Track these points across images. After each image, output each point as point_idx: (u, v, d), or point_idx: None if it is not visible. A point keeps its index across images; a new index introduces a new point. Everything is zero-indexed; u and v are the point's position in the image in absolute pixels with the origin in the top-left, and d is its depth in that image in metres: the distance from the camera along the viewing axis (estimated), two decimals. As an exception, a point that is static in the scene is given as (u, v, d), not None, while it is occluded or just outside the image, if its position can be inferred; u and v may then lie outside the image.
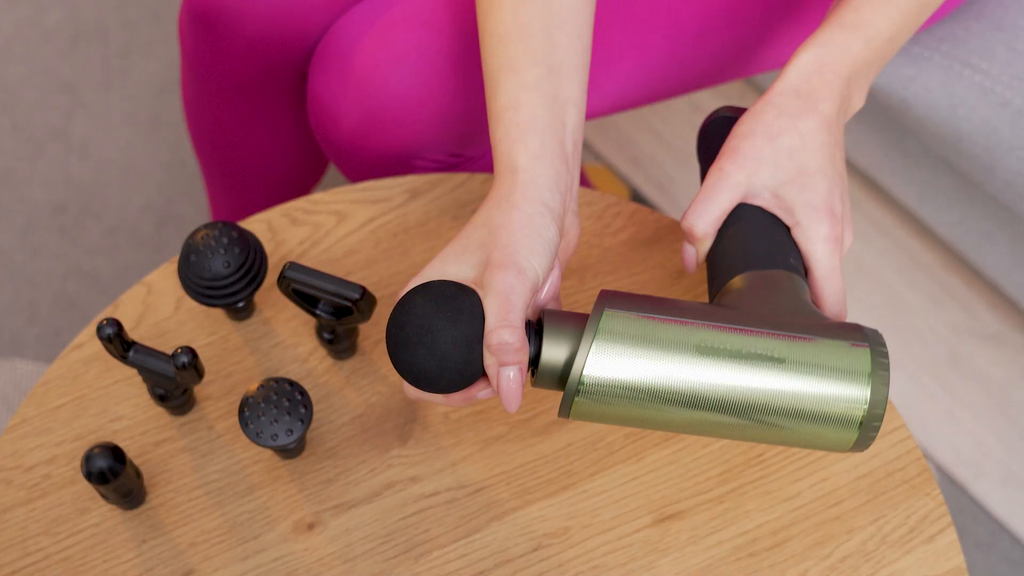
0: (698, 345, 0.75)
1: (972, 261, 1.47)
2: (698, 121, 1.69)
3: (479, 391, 0.78)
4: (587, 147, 1.69)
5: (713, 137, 0.89)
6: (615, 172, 1.67)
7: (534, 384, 0.78)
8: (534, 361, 0.77)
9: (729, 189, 0.82)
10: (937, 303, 1.58)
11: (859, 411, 0.75)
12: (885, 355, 0.75)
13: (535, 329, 0.78)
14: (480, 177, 1.00)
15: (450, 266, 0.78)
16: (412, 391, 0.80)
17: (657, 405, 0.76)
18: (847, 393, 0.75)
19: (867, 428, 0.75)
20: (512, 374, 0.75)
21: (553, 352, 0.76)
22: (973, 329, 1.57)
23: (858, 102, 0.87)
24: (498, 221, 0.78)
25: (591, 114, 1.09)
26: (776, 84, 0.84)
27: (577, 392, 0.75)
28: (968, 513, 1.48)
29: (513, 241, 0.77)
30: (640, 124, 1.69)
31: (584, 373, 0.75)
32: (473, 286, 0.77)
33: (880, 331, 1.55)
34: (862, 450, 0.77)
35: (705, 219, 0.82)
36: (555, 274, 0.80)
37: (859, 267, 1.60)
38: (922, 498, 0.90)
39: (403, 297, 0.77)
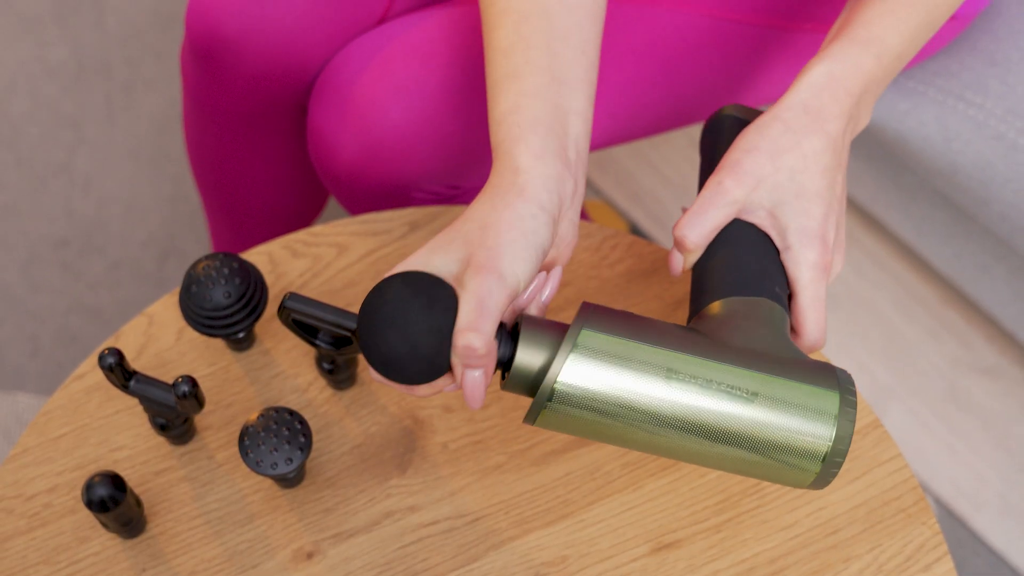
0: (669, 371, 0.75)
1: (969, 295, 1.48)
2: (697, 157, 1.70)
3: (446, 385, 0.78)
4: (587, 182, 1.70)
5: (717, 134, 0.88)
6: (614, 207, 1.68)
7: (503, 387, 0.78)
8: (507, 364, 0.78)
9: (725, 205, 0.81)
10: (935, 337, 1.59)
11: (820, 452, 0.76)
12: (853, 403, 0.77)
13: (510, 332, 0.78)
14: (479, 209, 1.01)
15: (436, 258, 0.77)
16: (377, 375, 0.79)
17: (624, 424, 0.76)
18: (811, 435, 0.76)
19: (828, 465, 0.77)
20: (476, 375, 0.75)
21: (527, 358, 0.76)
22: (971, 362, 1.57)
23: (865, 120, 0.87)
24: (490, 219, 0.77)
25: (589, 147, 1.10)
26: (785, 98, 0.83)
27: (547, 403, 0.76)
28: (968, 546, 1.48)
29: (500, 244, 0.76)
30: (639, 159, 1.70)
31: (555, 386, 0.75)
32: (453, 282, 0.77)
33: (876, 364, 1.56)
34: (821, 488, 0.79)
35: (697, 231, 0.82)
36: (542, 277, 0.80)
37: (857, 301, 1.61)
38: (918, 527, 0.91)
39: (380, 282, 0.77)
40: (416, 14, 1.09)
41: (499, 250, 0.76)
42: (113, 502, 0.84)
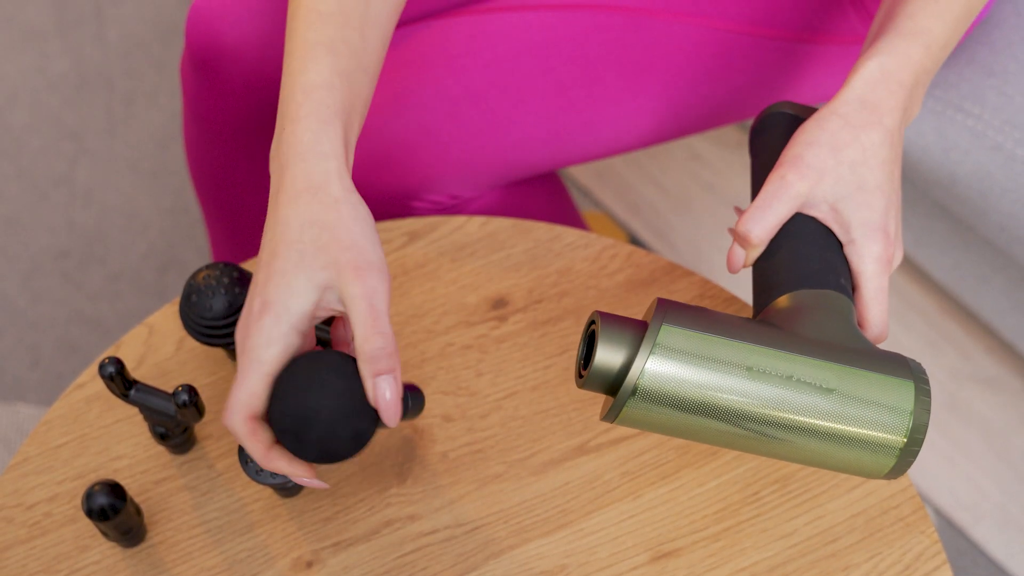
0: (750, 368, 0.76)
1: (968, 305, 1.48)
2: (696, 169, 1.71)
3: None
4: (586, 194, 1.71)
5: (770, 131, 0.89)
6: (614, 219, 1.68)
7: (581, 385, 0.78)
8: (586, 362, 0.78)
9: (789, 199, 0.82)
10: (934, 348, 1.59)
11: (898, 441, 0.77)
12: (927, 391, 0.78)
13: (585, 330, 0.79)
14: (478, 221, 1.02)
15: (297, 282, 0.76)
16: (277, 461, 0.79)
17: (704, 420, 0.77)
18: (889, 424, 0.77)
19: (905, 455, 0.78)
20: (389, 385, 0.76)
21: (607, 356, 0.76)
22: (971, 374, 1.58)
23: (915, 110, 0.87)
24: (329, 219, 0.76)
25: (588, 157, 1.11)
26: (842, 93, 0.84)
27: (629, 400, 0.76)
28: (968, 556, 1.48)
29: (358, 239, 0.76)
30: (639, 172, 1.71)
31: (638, 383, 0.76)
32: (325, 290, 0.76)
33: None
34: (896, 477, 0.80)
35: (762, 226, 0.82)
36: None
37: (856, 312, 1.61)
38: (917, 536, 0.91)
39: (297, 403, 0.76)
40: (413, 25, 1.10)
41: (361, 245, 0.76)
42: (113, 511, 0.84)
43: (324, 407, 0.76)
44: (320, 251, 0.76)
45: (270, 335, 0.76)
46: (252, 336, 0.77)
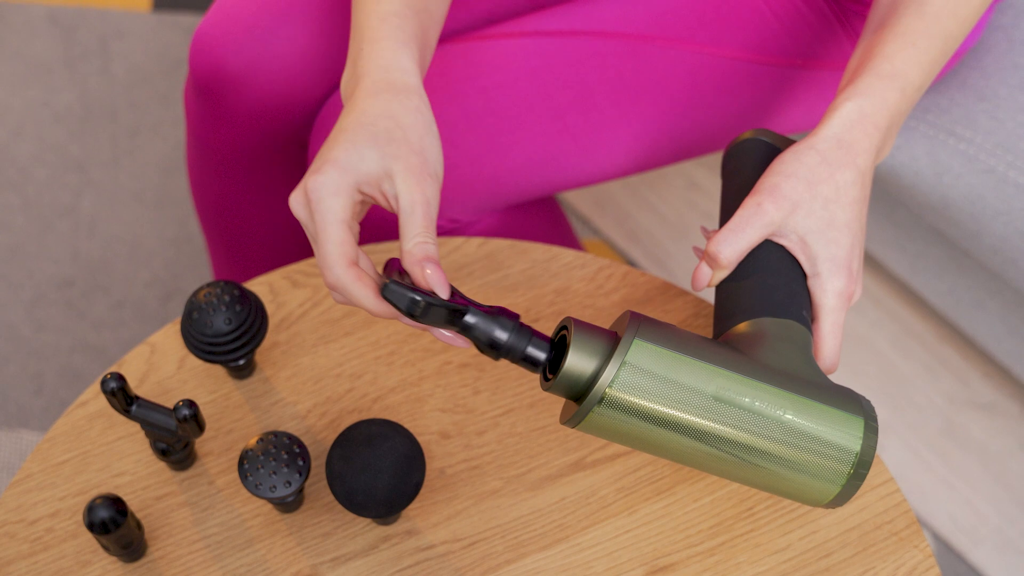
0: (714, 393, 0.78)
1: (964, 330, 1.49)
2: (694, 198, 1.72)
3: None
4: (585, 222, 1.72)
5: (744, 157, 0.91)
6: (613, 247, 1.70)
7: (546, 388, 0.80)
8: (554, 367, 0.80)
9: (763, 226, 0.84)
10: (931, 373, 1.60)
11: (844, 472, 0.80)
12: (875, 429, 0.81)
13: (555, 335, 0.81)
14: (476, 241, 1.03)
15: (367, 151, 0.79)
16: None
17: (663, 432, 0.79)
18: (837, 455, 0.79)
19: (849, 486, 0.80)
20: (435, 272, 0.78)
21: (578, 363, 0.78)
22: (968, 398, 1.58)
23: (887, 150, 0.90)
24: (407, 120, 0.80)
25: (584, 181, 1.12)
26: (820, 129, 0.86)
27: (595, 407, 0.78)
28: (966, 581, 1.48)
29: (428, 147, 0.80)
30: (637, 200, 1.72)
31: (606, 392, 0.77)
32: (386, 176, 0.79)
33: (874, 401, 1.57)
34: (838, 505, 0.82)
35: (732, 248, 0.84)
36: None
37: (854, 338, 1.62)
38: (910, 550, 0.91)
39: (369, 479, 0.85)
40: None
41: (426, 152, 0.80)
42: (114, 524, 0.85)
43: (383, 484, 0.85)
44: (392, 142, 0.79)
45: (337, 185, 0.78)
46: (318, 189, 0.78)
